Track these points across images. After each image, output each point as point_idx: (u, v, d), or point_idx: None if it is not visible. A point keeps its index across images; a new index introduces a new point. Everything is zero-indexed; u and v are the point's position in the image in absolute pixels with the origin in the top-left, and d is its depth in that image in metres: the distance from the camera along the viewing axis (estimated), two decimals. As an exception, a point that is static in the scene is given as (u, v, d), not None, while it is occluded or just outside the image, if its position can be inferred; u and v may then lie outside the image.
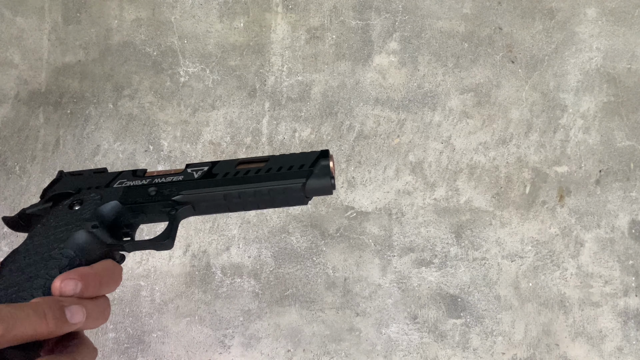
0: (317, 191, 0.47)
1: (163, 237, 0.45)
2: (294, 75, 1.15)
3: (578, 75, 1.15)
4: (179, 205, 0.47)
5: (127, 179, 0.48)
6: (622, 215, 1.10)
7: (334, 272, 1.09)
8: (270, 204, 0.48)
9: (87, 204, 0.45)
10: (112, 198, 0.46)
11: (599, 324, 1.07)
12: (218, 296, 1.08)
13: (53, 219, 0.44)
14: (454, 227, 1.10)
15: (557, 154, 1.12)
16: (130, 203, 0.47)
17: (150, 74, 1.16)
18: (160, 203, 0.47)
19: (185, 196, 0.47)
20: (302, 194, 0.47)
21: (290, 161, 0.48)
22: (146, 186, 0.48)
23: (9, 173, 1.13)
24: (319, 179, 0.47)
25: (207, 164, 0.49)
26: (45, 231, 0.43)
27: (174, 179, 0.48)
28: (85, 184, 0.48)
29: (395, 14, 1.17)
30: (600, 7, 1.17)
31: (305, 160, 0.48)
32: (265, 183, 0.47)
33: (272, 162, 0.48)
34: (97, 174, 0.50)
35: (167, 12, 1.18)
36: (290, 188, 0.47)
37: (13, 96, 1.16)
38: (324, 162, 0.47)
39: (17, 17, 1.19)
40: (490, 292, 1.08)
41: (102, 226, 0.44)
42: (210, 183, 0.47)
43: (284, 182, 0.47)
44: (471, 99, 1.14)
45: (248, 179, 0.47)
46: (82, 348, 0.38)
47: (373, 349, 1.06)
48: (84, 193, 0.47)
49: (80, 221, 0.44)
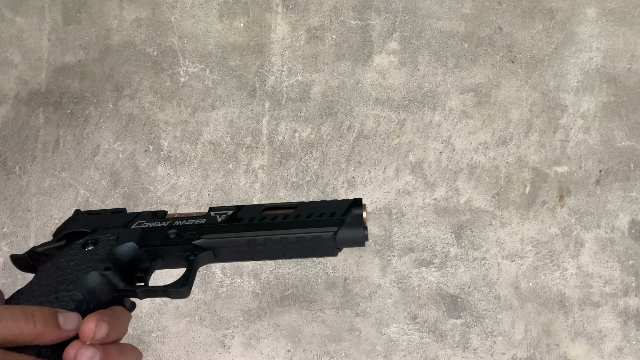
0: (348, 242, 0.44)
1: (179, 284, 0.41)
2: (294, 75, 1.16)
3: (578, 75, 1.15)
4: (199, 250, 0.44)
5: (147, 220, 0.46)
6: (622, 215, 1.10)
7: (334, 272, 1.08)
8: (297, 253, 0.45)
9: (101, 244, 0.42)
10: (129, 239, 0.43)
11: (599, 324, 1.07)
12: (218, 296, 1.08)
13: (63, 258, 0.41)
14: (454, 227, 1.10)
15: (557, 154, 1.12)
16: (148, 245, 0.44)
17: (150, 74, 1.16)
18: (180, 247, 0.44)
19: (207, 241, 0.44)
20: (333, 244, 0.44)
21: (321, 208, 0.45)
22: (166, 228, 0.45)
23: (9, 173, 1.13)
24: (351, 229, 0.44)
25: (231, 208, 0.46)
26: (53, 270, 0.40)
27: (195, 222, 0.45)
28: (101, 223, 0.46)
29: (395, 14, 1.17)
30: (600, 7, 1.17)
31: (336, 208, 0.45)
32: (293, 230, 0.44)
33: (301, 208, 0.45)
34: (115, 214, 0.47)
35: (167, 12, 1.18)
36: (320, 237, 0.44)
37: (13, 96, 1.16)
38: (356, 211, 0.44)
39: (17, 17, 1.19)
40: (490, 292, 1.08)
41: (116, 269, 0.41)
42: (234, 228, 0.44)
43: (314, 231, 0.44)
44: (471, 99, 1.14)
45: (275, 225, 0.44)
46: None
47: (373, 349, 1.06)
48: (99, 232, 0.44)
49: (92, 262, 0.40)
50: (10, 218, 1.12)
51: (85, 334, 0.33)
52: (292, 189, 1.11)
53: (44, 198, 1.12)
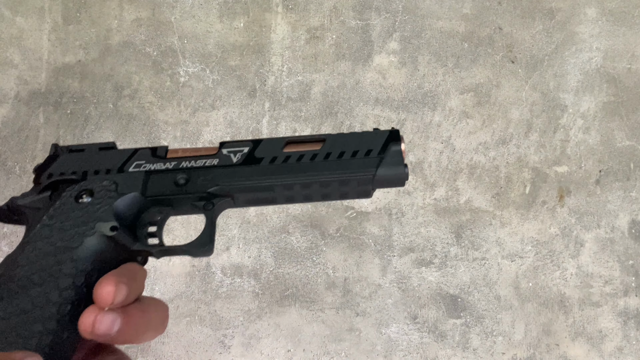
0: (387, 182, 0.38)
1: (203, 242, 0.35)
2: (294, 75, 1.15)
3: (578, 75, 1.15)
4: (216, 198, 0.37)
5: (146, 161, 0.38)
6: (622, 215, 1.10)
7: (334, 272, 1.08)
8: (328, 196, 0.39)
9: (99, 195, 0.35)
10: (131, 188, 0.36)
11: (599, 324, 1.07)
12: (218, 296, 1.08)
13: (57, 216, 0.34)
14: (454, 227, 1.10)
15: (557, 154, 1.12)
16: (155, 195, 0.36)
17: (150, 74, 1.16)
18: (193, 195, 0.37)
19: (224, 187, 0.37)
20: (370, 187, 0.38)
21: (354, 144, 0.38)
22: (172, 172, 0.37)
23: (9, 173, 1.13)
24: (391, 168, 0.37)
25: (246, 143, 0.39)
26: (48, 234, 0.33)
27: (207, 163, 0.38)
28: (91, 165, 0.38)
29: (395, 14, 1.17)
30: (600, 7, 1.17)
31: (372, 143, 0.38)
32: (324, 173, 0.37)
33: (331, 144, 0.38)
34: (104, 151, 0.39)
35: (167, 12, 1.18)
36: (357, 180, 0.37)
37: (13, 96, 1.16)
38: (395, 147, 0.38)
39: (17, 17, 1.19)
40: (490, 292, 1.08)
41: (122, 226, 0.34)
42: (255, 171, 0.37)
43: (349, 173, 0.37)
44: (471, 99, 1.14)
45: (303, 166, 0.37)
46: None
47: (373, 349, 1.06)
48: (92, 180, 0.37)
49: (93, 220, 0.34)
50: (10, 218, 1.12)
51: (104, 298, 0.29)
52: (292, 189, 1.11)
53: (44, 198, 1.12)
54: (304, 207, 1.10)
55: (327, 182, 0.37)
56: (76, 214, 0.34)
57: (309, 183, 0.37)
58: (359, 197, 0.39)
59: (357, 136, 0.39)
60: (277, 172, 0.37)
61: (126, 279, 0.30)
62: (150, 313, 0.31)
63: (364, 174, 0.37)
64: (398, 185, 0.39)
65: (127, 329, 0.29)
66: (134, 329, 0.29)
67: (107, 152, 0.39)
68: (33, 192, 0.38)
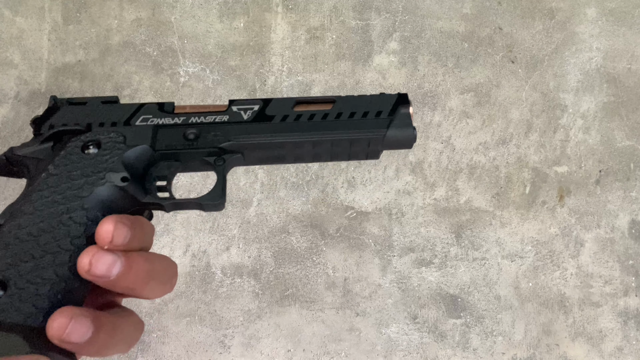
0: (396, 144, 0.39)
1: (215, 197, 0.35)
2: (294, 75, 1.15)
3: (578, 75, 1.15)
4: (227, 154, 0.37)
5: (153, 115, 0.37)
6: (622, 215, 1.10)
7: (334, 272, 1.08)
8: (338, 156, 0.39)
9: (107, 147, 0.34)
10: (139, 141, 0.35)
11: (599, 324, 1.07)
12: (218, 296, 1.08)
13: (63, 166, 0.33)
14: (454, 227, 1.10)
15: (557, 154, 1.12)
16: (165, 149, 0.36)
17: (150, 74, 1.16)
18: (204, 150, 0.36)
19: (236, 143, 0.37)
20: (379, 147, 0.39)
21: (364, 105, 0.39)
22: (182, 126, 0.37)
23: (9, 173, 1.13)
24: (400, 130, 0.38)
25: (256, 101, 0.39)
26: (56, 183, 0.32)
27: (217, 119, 0.37)
28: (95, 117, 0.37)
29: (395, 14, 1.17)
30: (600, 7, 1.17)
31: (381, 105, 0.39)
32: (335, 132, 0.38)
33: (341, 104, 0.39)
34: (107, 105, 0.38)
35: (167, 12, 1.18)
36: (367, 139, 0.38)
37: (13, 96, 1.16)
38: (404, 110, 0.39)
39: (17, 17, 1.19)
40: (490, 292, 1.08)
41: (133, 178, 0.34)
42: (266, 128, 0.37)
43: (360, 133, 0.38)
44: (471, 99, 1.14)
45: (314, 125, 0.38)
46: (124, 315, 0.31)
47: (373, 349, 1.06)
48: (97, 132, 0.36)
49: (103, 171, 0.33)
50: (10, 218, 1.12)
51: (103, 237, 0.28)
52: (292, 189, 1.11)
53: (44, 198, 1.12)
54: (304, 207, 1.10)
55: (338, 140, 0.38)
56: (84, 164, 0.34)
57: (320, 141, 0.38)
58: (367, 157, 0.40)
59: (367, 98, 0.39)
60: (289, 129, 0.37)
61: (129, 222, 0.29)
62: (155, 263, 0.30)
63: (375, 134, 0.38)
64: (406, 146, 0.39)
65: (129, 274, 0.28)
66: (136, 276, 0.29)
67: (110, 106, 0.38)
68: (34, 143, 0.36)
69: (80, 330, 0.26)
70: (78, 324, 0.26)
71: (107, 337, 0.28)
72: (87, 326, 0.27)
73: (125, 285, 0.28)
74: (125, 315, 0.31)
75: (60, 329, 0.26)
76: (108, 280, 0.28)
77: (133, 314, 0.32)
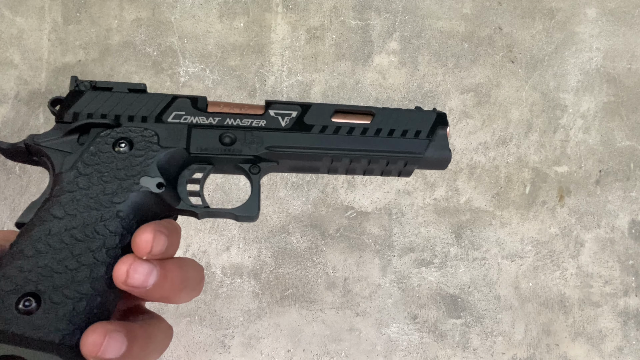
0: (431, 165, 0.39)
1: (251, 209, 0.34)
2: (294, 75, 1.15)
3: (578, 75, 1.15)
4: (263, 162, 0.35)
5: (186, 112, 0.35)
6: (622, 215, 1.10)
7: (334, 272, 1.08)
8: (371, 172, 0.39)
9: (140, 146, 0.32)
10: (174, 142, 0.33)
11: (599, 324, 1.07)
12: (218, 296, 1.08)
13: (93, 165, 0.31)
14: (454, 227, 1.10)
15: (557, 154, 1.12)
16: (199, 152, 0.34)
17: (150, 74, 1.16)
18: (241, 157, 0.35)
19: (273, 152, 0.35)
20: (415, 167, 0.39)
21: (403, 122, 0.38)
22: (217, 128, 0.35)
23: (9, 173, 1.13)
24: (437, 151, 0.38)
25: (294, 106, 0.37)
26: (87, 184, 0.30)
27: (253, 124, 0.36)
28: (123, 109, 0.34)
29: (395, 14, 1.17)
30: (600, 7, 1.17)
31: (420, 124, 0.38)
32: (375, 150, 0.37)
33: (380, 119, 0.38)
34: (134, 94, 0.35)
35: (167, 12, 1.18)
36: (405, 160, 0.37)
37: (13, 96, 1.16)
38: (442, 131, 0.38)
39: (17, 17, 1.19)
40: (490, 292, 1.08)
41: (167, 183, 0.32)
42: (305, 139, 0.36)
43: (399, 153, 0.37)
44: (471, 99, 1.14)
45: (353, 140, 0.37)
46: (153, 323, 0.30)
47: (373, 349, 1.06)
48: (128, 128, 0.33)
49: (137, 175, 0.31)
50: (10, 218, 1.12)
51: (142, 247, 0.27)
52: (292, 189, 1.11)
53: (44, 198, 1.12)
54: (304, 207, 1.10)
55: (376, 158, 0.37)
56: (116, 164, 0.31)
57: (358, 157, 0.37)
58: (400, 175, 0.39)
59: (406, 114, 0.39)
60: (328, 143, 0.36)
61: (166, 231, 0.28)
62: (188, 271, 0.30)
63: (414, 154, 0.37)
64: (440, 167, 0.39)
65: (164, 283, 0.27)
66: (171, 284, 0.28)
67: (139, 96, 0.35)
68: (57, 132, 0.34)
69: (115, 346, 0.26)
70: (113, 340, 0.26)
71: (140, 349, 0.27)
72: (122, 341, 0.26)
73: (160, 294, 0.28)
74: (155, 323, 0.30)
75: (96, 347, 0.25)
76: (144, 290, 0.27)
77: (162, 320, 0.31)
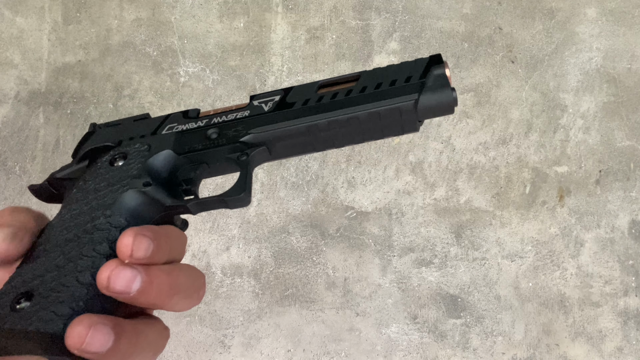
0: (434, 110, 0.35)
1: (237, 191, 0.33)
2: (294, 75, 1.15)
3: (578, 75, 1.15)
4: (250, 147, 0.35)
5: (178, 123, 0.37)
6: (622, 215, 1.10)
7: (334, 272, 1.08)
8: (370, 134, 0.36)
9: (132, 157, 0.35)
10: (163, 147, 0.35)
11: (599, 324, 1.07)
12: (218, 296, 1.08)
13: (91, 180, 0.34)
14: (454, 227, 1.10)
15: (557, 154, 1.12)
16: (187, 151, 0.36)
17: (150, 74, 1.16)
18: (226, 147, 0.35)
19: (257, 135, 0.35)
20: (415, 116, 0.35)
21: (391, 74, 0.35)
22: (204, 128, 0.36)
23: (9, 173, 1.13)
24: (435, 93, 0.34)
25: (277, 92, 0.37)
26: (83, 196, 0.33)
27: (238, 116, 0.36)
28: (125, 134, 0.37)
29: (395, 14, 1.17)
30: (600, 7, 1.17)
31: (411, 70, 0.35)
32: (361, 106, 0.35)
33: (366, 78, 0.36)
34: (138, 122, 0.38)
35: (167, 12, 1.18)
36: (398, 109, 0.34)
37: (13, 96, 1.16)
38: (437, 71, 0.35)
39: (17, 17, 1.19)
40: (490, 292, 1.08)
41: (156, 183, 0.33)
42: (287, 115, 0.36)
43: (388, 103, 0.34)
44: (471, 99, 1.14)
45: (338, 103, 0.35)
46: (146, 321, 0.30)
47: (373, 349, 1.06)
48: (126, 144, 0.36)
49: (126, 179, 0.33)
50: (10, 218, 1.12)
51: (121, 250, 0.27)
52: (292, 189, 1.11)
53: (44, 198, 1.12)
54: (304, 207, 1.10)
55: (365, 115, 0.35)
56: (111, 175, 0.34)
57: (346, 120, 0.35)
58: (404, 131, 0.36)
59: (394, 67, 0.36)
60: (311, 112, 0.35)
61: (151, 234, 0.28)
62: (179, 277, 0.29)
63: (405, 100, 0.34)
64: (447, 112, 0.35)
65: (150, 290, 0.27)
66: (158, 291, 0.27)
67: (141, 122, 0.38)
68: (72, 165, 0.37)
69: (101, 339, 0.25)
70: (98, 333, 0.25)
71: (129, 346, 0.27)
72: (108, 334, 0.25)
73: (147, 300, 0.27)
74: (150, 322, 0.30)
75: (80, 338, 0.25)
76: (128, 296, 0.27)
77: (158, 321, 0.31)
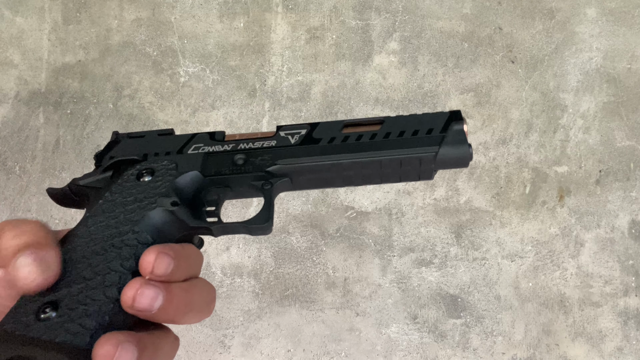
0: (450, 162, 0.37)
1: (261, 220, 0.35)
2: (294, 75, 1.15)
3: (578, 75, 1.15)
4: (274, 177, 0.37)
5: (204, 144, 0.38)
6: (622, 215, 1.10)
7: (334, 272, 1.08)
8: (388, 177, 0.38)
9: (159, 174, 0.36)
10: (190, 167, 0.37)
11: (599, 324, 1.07)
12: (218, 296, 1.08)
13: (118, 192, 0.35)
14: (454, 227, 1.10)
15: (557, 154, 1.12)
16: (214, 174, 0.37)
17: (150, 74, 1.16)
18: (252, 175, 0.37)
19: (283, 167, 0.37)
20: (432, 166, 0.37)
21: (413, 124, 0.38)
22: (231, 153, 0.38)
23: (9, 173, 1.13)
24: (453, 148, 0.37)
25: (304, 126, 0.39)
26: (110, 209, 0.34)
27: (264, 145, 0.38)
28: (150, 148, 0.39)
29: (395, 14, 1.17)
30: (600, 7, 1.17)
31: (432, 123, 0.38)
32: (385, 151, 0.37)
33: (390, 124, 0.38)
34: (162, 137, 0.40)
35: (167, 12, 1.18)
36: (419, 158, 0.37)
37: (13, 96, 1.16)
38: (457, 126, 0.37)
39: (17, 17, 1.19)
40: (490, 292, 1.08)
41: (182, 203, 0.35)
42: (313, 150, 0.37)
43: (410, 152, 0.37)
44: (471, 99, 1.14)
45: (363, 145, 0.37)
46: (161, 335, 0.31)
47: (373, 349, 1.06)
48: (152, 160, 0.37)
49: (154, 196, 0.34)
50: (10, 218, 1.12)
51: (144, 267, 0.29)
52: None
53: (44, 198, 1.12)
54: (304, 207, 1.10)
55: (387, 161, 0.37)
56: (138, 190, 0.35)
57: (369, 162, 0.37)
58: (420, 178, 0.38)
59: (417, 117, 0.39)
60: (336, 151, 0.37)
61: (172, 253, 0.29)
62: (195, 295, 0.31)
63: (426, 152, 0.37)
64: (461, 165, 0.38)
65: (169, 307, 0.29)
66: (176, 309, 0.29)
67: (165, 137, 0.40)
68: (95, 173, 0.38)
69: (126, 356, 0.26)
70: (124, 351, 0.26)
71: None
72: (133, 352, 0.27)
73: (165, 317, 0.29)
74: (164, 335, 0.31)
75: (108, 357, 0.26)
76: (149, 314, 0.28)
77: (170, 332, 0.32)
